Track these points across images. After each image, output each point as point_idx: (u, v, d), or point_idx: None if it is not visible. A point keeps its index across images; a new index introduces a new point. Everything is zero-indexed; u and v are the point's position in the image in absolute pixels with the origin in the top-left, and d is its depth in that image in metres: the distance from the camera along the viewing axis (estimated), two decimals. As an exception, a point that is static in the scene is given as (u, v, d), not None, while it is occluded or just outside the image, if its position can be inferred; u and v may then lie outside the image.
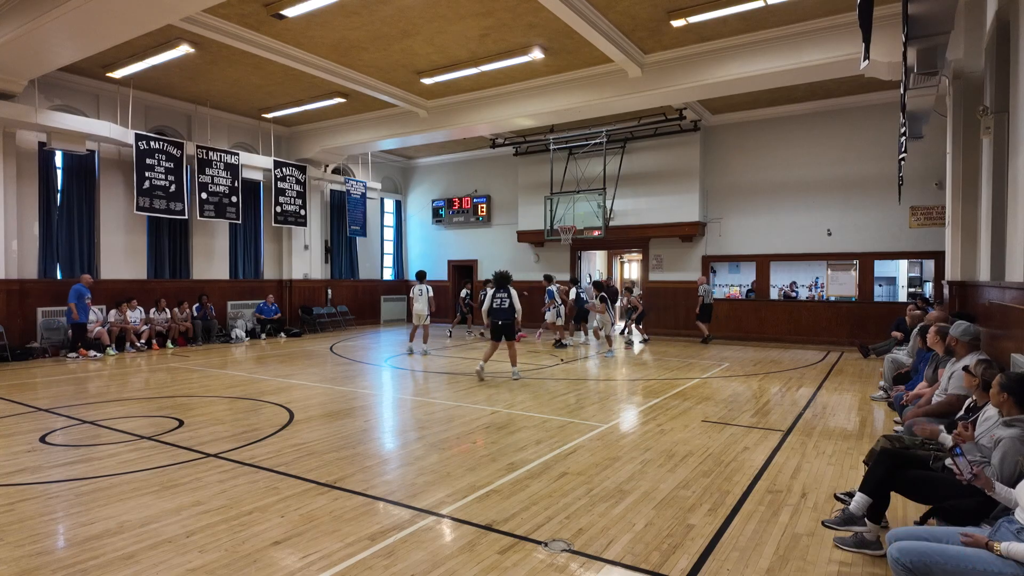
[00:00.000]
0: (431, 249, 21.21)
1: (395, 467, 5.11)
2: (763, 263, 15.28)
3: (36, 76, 10.82)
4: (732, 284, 16.48)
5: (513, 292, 9.65)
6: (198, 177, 14.43)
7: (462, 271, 20.50)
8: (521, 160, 18.36)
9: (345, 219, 18.48)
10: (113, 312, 12.81)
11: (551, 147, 16.95)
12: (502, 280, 9.63)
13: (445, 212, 20.51)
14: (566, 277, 17.71)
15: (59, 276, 12.72)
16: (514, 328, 9.66)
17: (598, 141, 16.18)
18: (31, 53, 9.59)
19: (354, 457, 5.31)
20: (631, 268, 23.36)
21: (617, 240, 16.92)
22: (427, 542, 3.58)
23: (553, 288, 14.41)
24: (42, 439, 5.85)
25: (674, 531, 3.75)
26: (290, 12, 9.43)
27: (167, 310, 13.80)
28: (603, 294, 12.94)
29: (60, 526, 3.88)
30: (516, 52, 11.22)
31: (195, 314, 14.21)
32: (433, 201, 20.88)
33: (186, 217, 14.37)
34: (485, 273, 19.67)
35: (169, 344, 13.54)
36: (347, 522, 3.85)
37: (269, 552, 3.43)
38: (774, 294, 15.46)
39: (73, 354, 11.69)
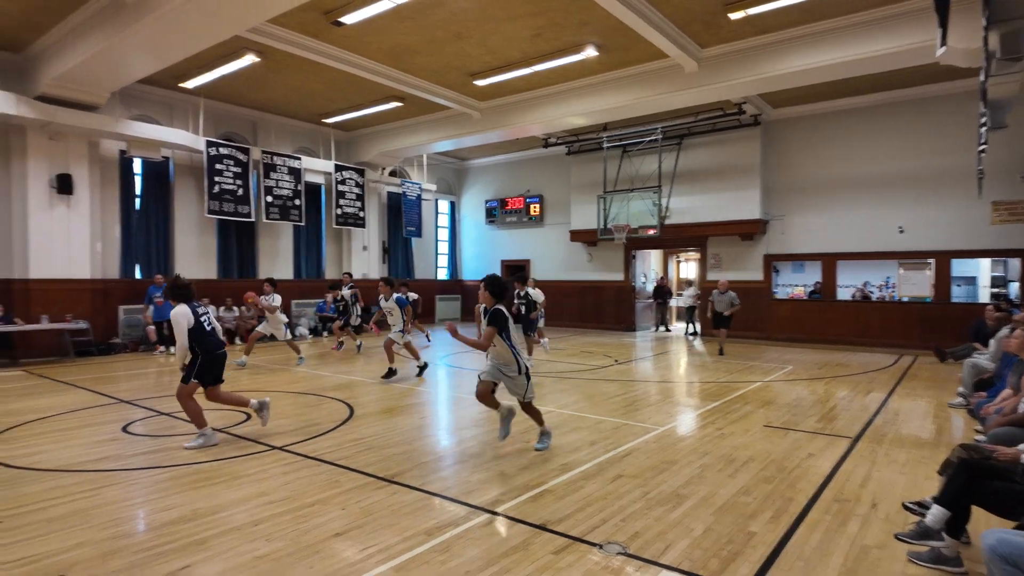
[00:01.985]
0: (484, 249, 21.40)
1: (450, 464, 5.18)
2: (829, 262, 14.64)
3: (117, 88, 11.55)
4: (796, 284, 15.86)
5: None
6: (263, 181, 15.06)
7: (515, 271, 20.56)
8: (574, 159, 18.27)
9: (401, 220, 18.88)
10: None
11: (604, 145, 16.78)
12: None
13: (498, 212, 20.64)
14: (592, 275, 17.54)
15: (138, 276, 13.55)
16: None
17: (653, 138, 15.90)
18: (112, 67, 10.24)
19: (411, 453, 5.41)
20: (688, 268, 22.85)
21: (673, 239, 16.59)
22: (482, 539, 3.61)
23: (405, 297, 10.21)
24: (124, 429, 6.24)
25: (734, 538, 3.64)
26: (348, 19, 9.71)
27: (235, 308, 14.46)
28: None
29: (140, 511, 4.13)
30: (569, 51, 11.17)
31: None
32: (486, 202, 21.05)
33: (253, 219, 15.03)
34: (539, 272, 19.70)
35: (237, 341, 14.18)
36: (404, 516, 3.93)
37: (330, 543, 3.54)
38: (842, 294, 14.78)
39: (163, 348, 12.51)
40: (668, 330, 18.07)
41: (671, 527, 3.79)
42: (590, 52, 11.04)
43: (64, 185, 11.65)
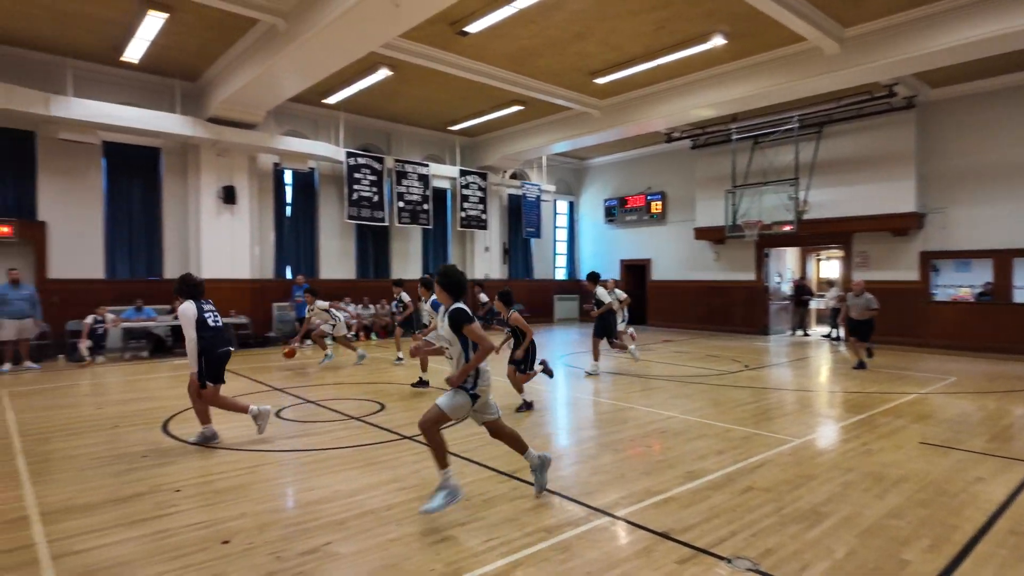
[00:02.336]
0: (603, 248, 21.16)
1: (569, 464, 5.18)
2: (1003, 260, 12.76)
3: (271, 108, 12.89)
4: (960, 285, 13.98)
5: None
6: (396, 187, 16.05)
7: (634, 271, 20.14)
8: (699, 153, 17.51)
9: (521, 221, 19.23)
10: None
11: (733, 137, 15.90)
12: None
13: (618, 211, 20.32)
14: (719, 275, 16.62)
15: (288, 276, 15.02)
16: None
17: (788, 127, 14.81)
18: (268, 88, 11.45)
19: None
20: (829, 266, 21.02)
21: (812, 235, 15.32)
22: (602, 542, 3.58)
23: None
24: (276, 414, 6.94)
25: (883, 565, 3.30)
26: (472, 27, 10.05)
27: (371, 306, 15.56)
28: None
29: (289, 489, 4.57)
30: (694, 41, 10.73)
31: (394, 310, 15.79)
32: (605, 200, 20.81)
33: (386, 224, 16.09)
34: (660, 272, 19.14)
35: (373, 336, 15.24)
36: (525, 512, 4.00)
37: (457, 532, 3.69)
38: (1019, 296, 12.81)
39: (308, 342, 13.75)
40: (807, 334, 16.72)
41: (808, 546, 3.51)
42: (717, 41, 10.53)
43: (229, 196, 13.23)
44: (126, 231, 12.91)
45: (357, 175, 15.29)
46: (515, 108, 14.68)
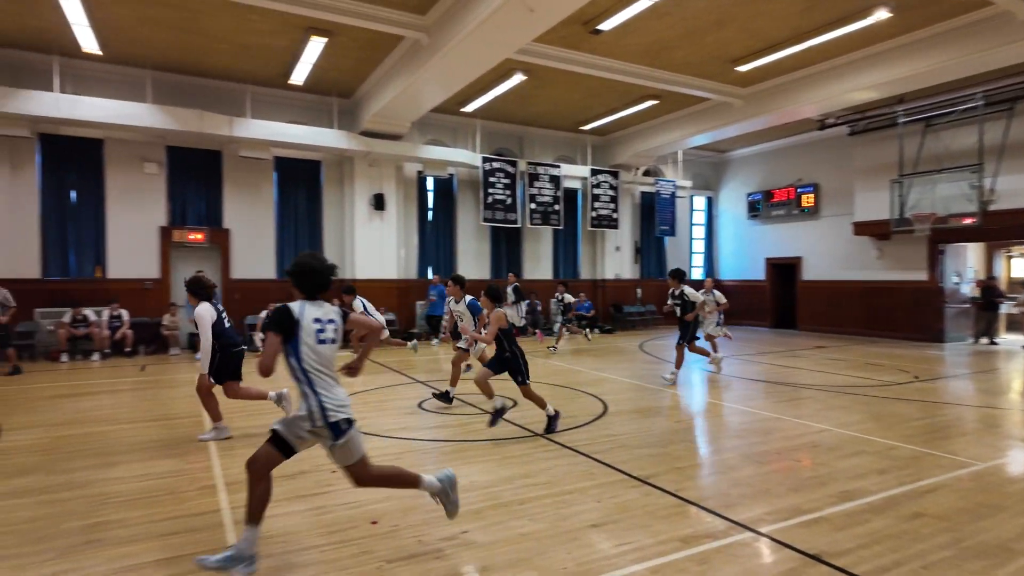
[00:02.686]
0: (745, 247, 19.91)
1: (707, 473, 4.95)
2: None
3: (415, 119, 13.75)
4: None
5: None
6: (528, 190, 16.38)
7: (782, 270, 18.71)
8: (858, 140, 15.83)
9: (654, 219, 18.69)
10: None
11: (900, 120, 14.17)
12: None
13: (762, 206, 19.00)
14: (881, 274, 14.79)
15: (429, 276, 15.92)
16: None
17: (970, 106, 12.91)
18: (412, 101, 12.22)
19: (665, 456, 5.33)
20: (1023, 265, 18.01)
21: (1001, 229, 13.21)
22: (743, 558, 3.38)
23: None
24: (419, 405, 7.39)
25: (1100, 620, 2.76)
26: (605, 25, 9.95)
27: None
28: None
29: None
30: (852, 18, 9.73)
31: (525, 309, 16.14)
32: (748, 195, 19.55)
33: (519, 225, 16.48)
34: (812, 272, 17.64)
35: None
36: (659, 519, 3.89)
37: (587, 533, 3.68)
38: None
39: (436, 339, 14.55)
40: (994, 343, 14.44)
41: (996, 588, 3.04)
42: (880, 15, 9.46)
43: (379, 203, 14.33)
44: (292, 236, 14.46)
45: (492, 179, 15.82)
46: (649, 103, 14.31)
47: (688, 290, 9.11)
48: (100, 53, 11.12)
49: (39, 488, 4.48)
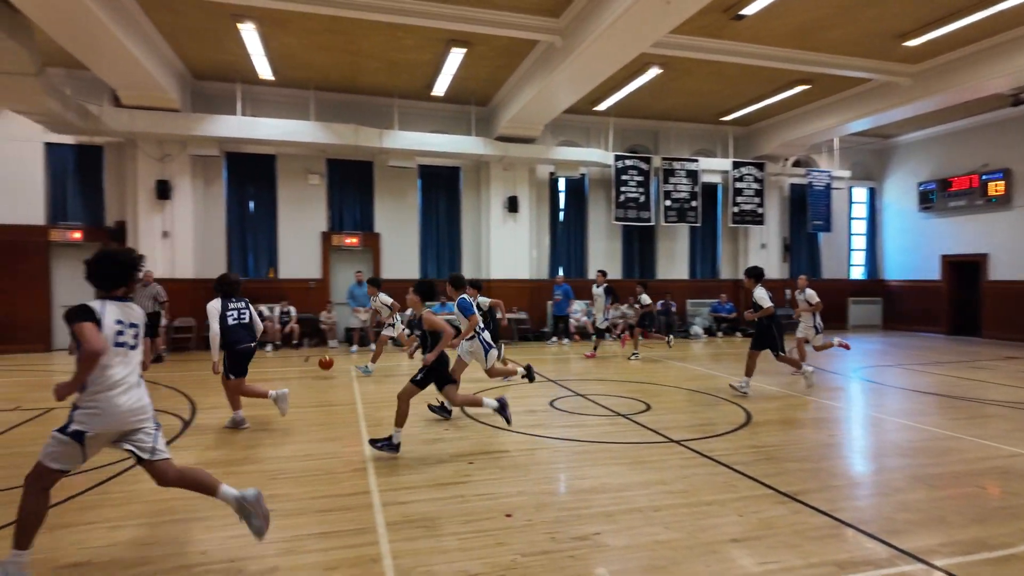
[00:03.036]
0: (915, 242, 17.65)
1: (867, 494, 4.47)
2: None
3: (548, 121, 13.90)
4: None
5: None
6: (663, 186, 15.89)
7: (962, 269, 16.35)
8: (1066, 115, 13.38)
9: (806, 214, 17.24)
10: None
11: (1126, 89, 11.74)
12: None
13: (937, 196, 16.74)
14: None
15: (559, 275, 16.04)
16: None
17: None
18: (545, 104, 12.37)
19: (817, 472, 4.90)
20: None
21: None
22: (912, 592, 3.01)
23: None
24: (551, 403, 7.48)
25: None
26: (749, 9, 9.36)
27: (636, 306, 15.64)
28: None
29: (562, 475, 4.88)
30: (1060, -30, 8.25)
31: (659, 310, 15.65)
32: (919, 184, 17.32)
33: (652, 223, 16.04)
34: (1000, 272, 15.28)
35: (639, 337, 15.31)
36: (809, 540, 3.58)
37: (727, 547, 3.50)
38: None
39: (560, 338, 14.58)
40: None
41: None
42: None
43: (512, 205, 14.70)
44: (434, 238, 15.31)
45: (624, 177, 15.55)
46: (799, 88, 13.22)
47: (757, 291, 8.05)
48: (273, 79, 12.62)
49: (225, 461, 5.18)
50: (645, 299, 12.19)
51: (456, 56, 11.28)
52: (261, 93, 13.44)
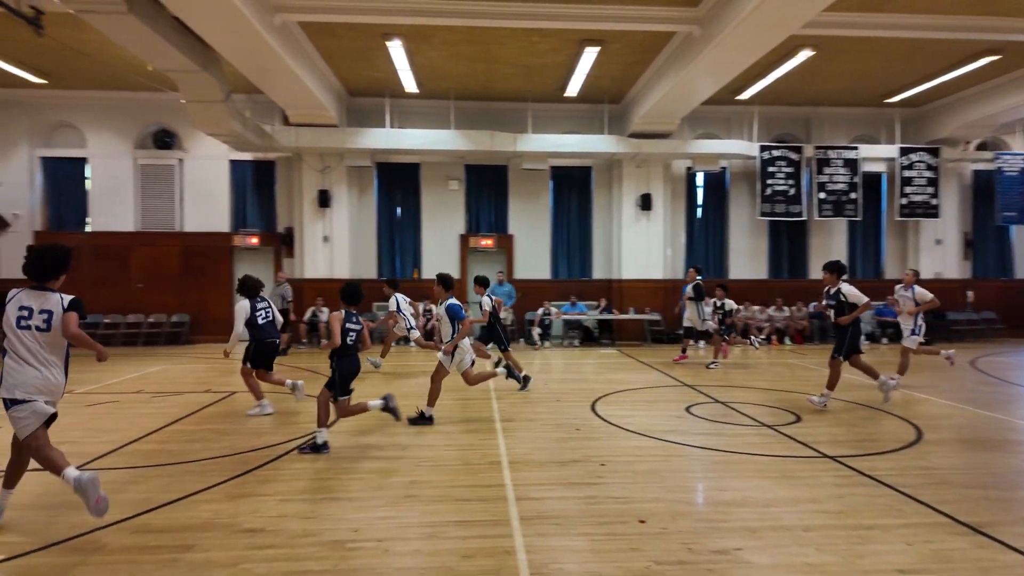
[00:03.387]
0: None
1: (1078, 534, 3.77)
2: None
3: (685, 115, 13.36)
4: None
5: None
6: (816, 177, 14.60)
7: None
8: None
9: (994, 204, 14.91)
10: (740, 308, 14.45)
11: None
12: None
13: None
14: None
15: (684, 276, 15.33)
16: None
17: None
18: (682, 96, 11.90)
19: (1009, 502, 4.22)
20: None
21: None
22: None
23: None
24: (687, 409, 7.18)
25: None
26: (922, -25, 8.30)
27: (784, 309, 14.54)
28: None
29: (700, 484, 4.67)
30: None
31: (810, 312, 14.41)
32: None
33: (804, 218, 14.81)
34: None
35: (787, 341, 14.23)
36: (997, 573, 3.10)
37: (892, 578, 3.13)
38: None
39: (695, 341, 13.84)
40: None
41: None
42: None
43: (645, 203, 14.33)
44: (565, 239, 15.39)
45: (771, 168, 14.50)
46: (985, 60, 11.45)
47: (848, 288, 7.05)
48: (417, 91, 13.45)
49: (375, 446, 5.61)
50: (731, 304, 11.01)
51: (590, 55, 11.24)
52: (407, 106, 14.37)
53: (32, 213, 14.09)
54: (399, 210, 15.07)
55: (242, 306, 6.77)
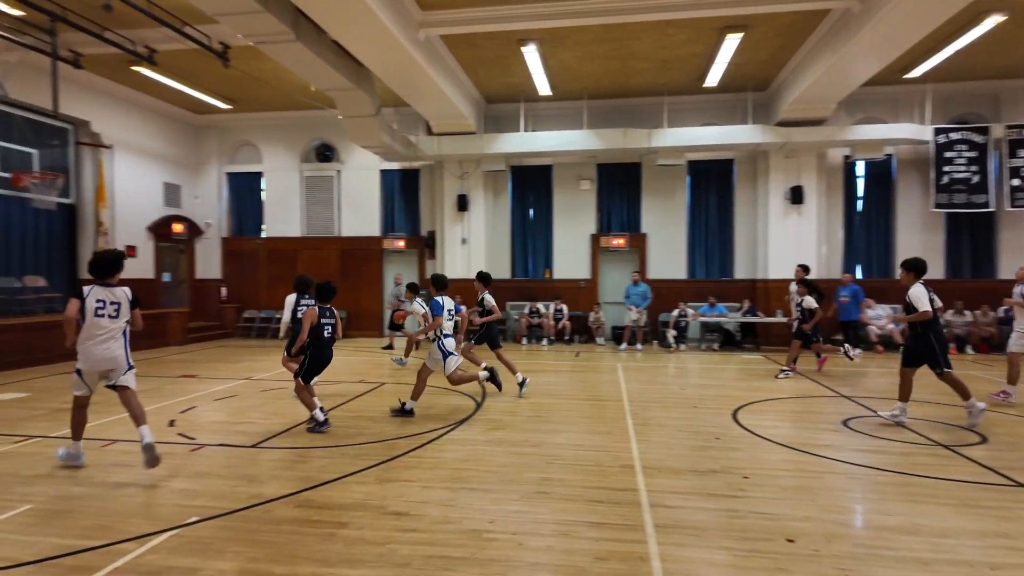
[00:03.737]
0: None
1: None
2: None
3: (842, 98, 12.15)
4: None
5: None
6: (1007, 162, 12.58)
7: None
8: None
9: None
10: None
11: None
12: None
13: None
14: None
15: (859, 276, 13.88)
16: None
17: None
18: (838, 79, 10.86)
19: None
20: None
21: None
22: None
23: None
24: (844, 423, 6.53)
25: None
26: None
27: (966, 313, 12.70)
28: None
29: (858, 506, 4.23)
30: None
31: (1001, 317, 12.44)
32: None
33: (991, 209, 12.83)
34: None
35: (968, 350, 12.41)
36: None
37: (1113, 638, 2.61)
38: None
39: (853, 347, 12.25)
40: None
41: None
42: None
43: (796, 196, 13.25)
44: (703, 237, 14.69)
45: (948, 154, 12.72)
46: None
47: (915, 289, 6.29)
48: (551, 94, 13.60)
49: (508, 441, 5.76)
50: (810, 302, 9.46)
51: (731, 42, 10.63)
52: (540, 109, 14.58)
53: (219, 222, 16.30)
54: (532, 211, 15.34)
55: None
